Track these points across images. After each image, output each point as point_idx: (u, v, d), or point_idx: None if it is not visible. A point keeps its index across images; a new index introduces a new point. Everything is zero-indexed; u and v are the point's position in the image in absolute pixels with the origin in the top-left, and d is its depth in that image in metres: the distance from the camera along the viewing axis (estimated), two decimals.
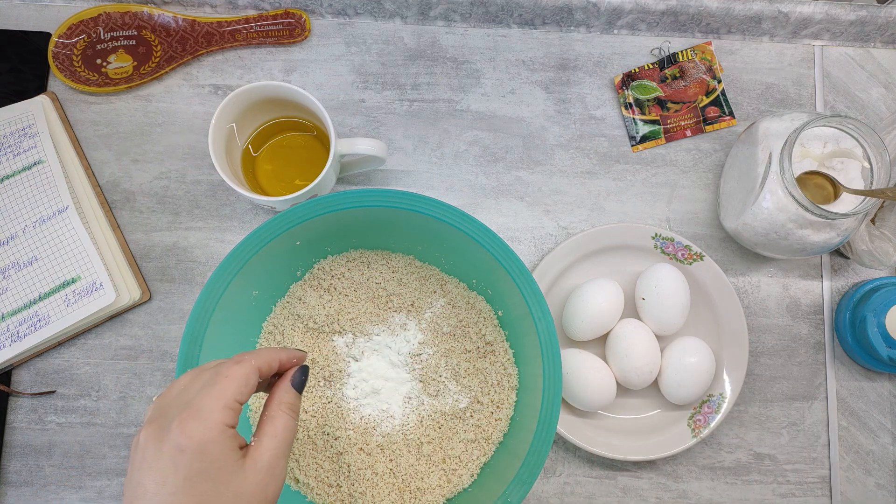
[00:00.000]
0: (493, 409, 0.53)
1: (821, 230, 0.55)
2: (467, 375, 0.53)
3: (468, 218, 0.49)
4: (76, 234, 0.59)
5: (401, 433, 0.53)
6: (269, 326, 0.54)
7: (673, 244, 0.61)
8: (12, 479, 0.58)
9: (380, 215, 0.50)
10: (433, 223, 0.50)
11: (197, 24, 0.65)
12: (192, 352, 0.47)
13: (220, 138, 0.56)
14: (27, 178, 0.60)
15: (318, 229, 0.51)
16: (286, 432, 0.38)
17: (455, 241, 0.51)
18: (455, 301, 0.55)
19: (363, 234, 0.53)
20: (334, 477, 0.51)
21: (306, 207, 0.49)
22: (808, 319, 0.64)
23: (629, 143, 0.66)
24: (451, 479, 0.52)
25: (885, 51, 0.68)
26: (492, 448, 0.53)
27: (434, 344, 0.54)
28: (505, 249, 0.49)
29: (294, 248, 0.52)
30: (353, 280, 0.55)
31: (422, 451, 0.52)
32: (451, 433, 0.53)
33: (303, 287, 0.55)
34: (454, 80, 0.66)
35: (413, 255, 0.55)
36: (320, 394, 0.53)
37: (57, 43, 0.63)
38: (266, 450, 0.37)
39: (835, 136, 0.56)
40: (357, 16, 0.66)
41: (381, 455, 0.52)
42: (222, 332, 0.49)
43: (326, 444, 0.52)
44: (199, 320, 0.48)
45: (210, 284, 0.48)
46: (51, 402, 0.59)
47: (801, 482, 0.62)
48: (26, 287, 0.58)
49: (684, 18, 0.66)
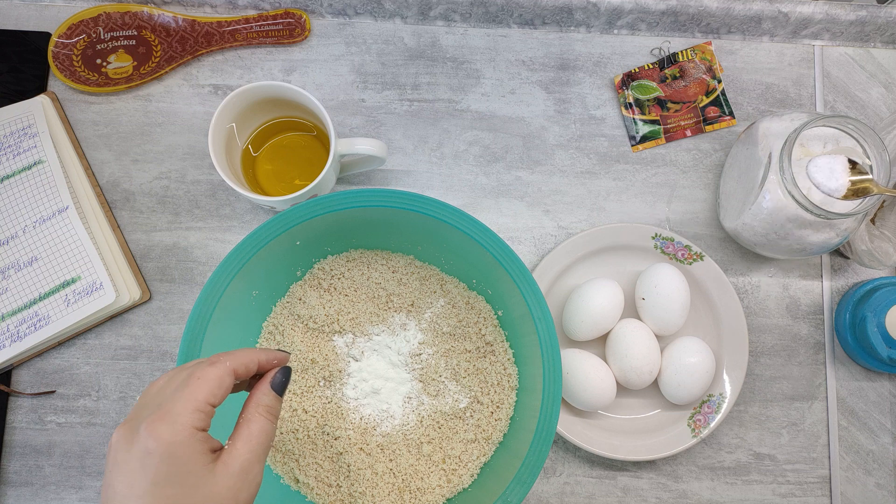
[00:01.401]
0: (493, 409, 0.53)
1: (820, 230, 0.55)
2: (467, 375, 0.53)
3: (468, 218, 0.49)
4: (76, 234, 0.59)
5: (401, 433, 0.53)
6: (270, 326, 0.54)
7: (673, 244, 0.61)
8: (12, 479, 0.58)
9: (380, 215, 0.50)
10: (433, 223, 0.50)
11: (197, 24, 0.65)
12: (192, 352, 0.47)
13: (219, 138, 0.56)
14: (27, 178, 0.60)
15: (318, 229, 0.51)
16: (262, 436, 0.37)
17: (455, 241, 0.51)
18: (455, 301, 0.55)
19: (363, 234, 0.53)
20: (334, 477, 0.51)
21: (306, 207, 0.49)
22: (808, 319, 0.64)
23: (629, 143, 0.66)
24: (451, 479, 0.52)
25: (885, 51, 0.68)
26: (492, 448, 0.53)
27: (434, 344, 0.54)
28: (505, 249, 0.49)
29: (294, 248, 0.52)
30: (353, 280, 0.55)
31: (422, 451, 0.52)
32: (450, 433, 0.53)
33: (303, 287, 0.55)
34: (454, 80, 0.66)
35: (413, 255, 0.55)
36: (320, 394, 0.53)
37: (57, 43, 0.63)
38: (239, 454, 0.36)
39: (835, 136, 0.56)
40: (357, 16, 0.66)
41: (381, 455, 0.52)
42: (222, 331, 0.49)
43: (326, 444, 0.52)
44: (199, 320, 0.48)
45: (210, 284, 0.48)
46: (51, 402, 0.59)
47: (801, 482, 0.62)
48: (26, 287, 0.58)
49: (684, 18, 0.66)
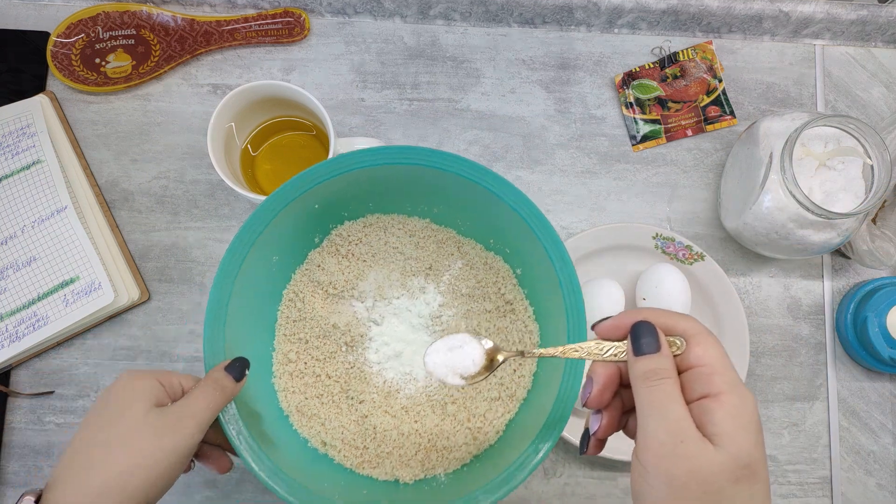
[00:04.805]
0: (516, 367, 0.53)
1: (821, 230, 0.55)
2: (488, 335, 0.54)
3: (482, 169, 0.49)
4: (75, 234, 0.59)
5: (424, 395, 0.53)
6: (290, 294, 0.54)
7: (674, 244, 0.61)
8: (11, 480, 0.58)
9: (399, 174, 0.50)
10: (451, 179, 0.50)
11: (196, 24, 0.64)
12: (218, 320, 0.48)
13: (218, 138, 0.56)
14: (26, 177, 0.60)
15: (336, 191, 0.51)
16: (203, 400, 0.42)
17: (471, 198, 0.51)
18: (473, 262, 0.55)
19: (381, 196, 0.53)
20: (360, 439, 0.52)
21: (327, 166, 0.49)
22: (809, 319, 0.64)
23: (630, 142, 0.66)
24: (476, 437, 0.52)
25: (886, 50, 0.68)
26: (516, 405, 0.53)
27: (454, 305, 0.54)
28: (521, 198, 0.49)
29: (312, 213, 0.52)
30: (371, 245, 0.55)
31: (446, 411, 0.52)
32: (474, 392, 0.53)
33: (321, 254, 0.55)
34: (454, 80, 0.66)
35: (429, 219, 0.56)
36: (343, 359, 0.53)
37: (56, 42, 0.63)
38: (177, 407, 0.41)
39: (836, 136, 0.56)
40: (356, 15, 0.66)
41: (406, 416, 0.52)
42: (244, 298, 0.50)
43: (351, 408, 0.52)
44: (223, 284, 0.48)
45: (233, 248, 0.48)
46: (49, 403, 0.59)
47: (801, 483, 0.62)
48: (25, 287, 0.58)
49: (685, 17, 0.66)
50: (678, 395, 0.32)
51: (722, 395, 0.31)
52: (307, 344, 0.53)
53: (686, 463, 0.30)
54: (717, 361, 0.32)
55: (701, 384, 0.32)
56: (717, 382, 0.31)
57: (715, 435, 0.30)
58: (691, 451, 0.30)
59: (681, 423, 0.31)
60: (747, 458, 0.30)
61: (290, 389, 0.52)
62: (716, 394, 0.31)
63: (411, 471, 0.51)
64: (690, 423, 0.31)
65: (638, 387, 0.33)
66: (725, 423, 0.30)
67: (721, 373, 0.31)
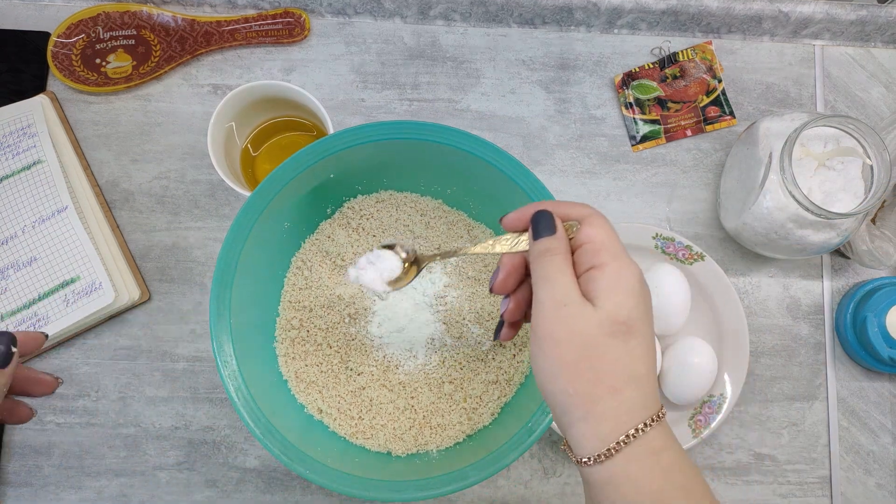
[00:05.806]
0: (516, 353, 0.53)
1: (821, 230, 0.55)
2: (490, 319, 0.54)
3: (500, 152, 0.49)
4: (75, 234, 0.59)
5: (422, 372, 0.53)
6: (298, 261, 0.55)
7: (673, 244, 0.61)
8: (11, 480, 0.58)
9: (414, 151, 0.51)
10: (464, 158, 0.50)
11: (196, 24, 0.64)
12: (226, 278, 0.48)
13: (219, 138, 0.56)
14: (26, 177, 0.60)
15: (352, 163, 0.51)
16: None
17: (485, 180, 0.51)
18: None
19: (395, 172, 0.54)
20: (356, 409, 0.52)
21: (345, 135, 0.49)
22: (809, 319, 0.64)
23: (629, 142, 0.66)
24: (471, 417, 0.52)
25: (886, 50, 0.68)
26: (513, 389, 0.53)
27: (459, 287, 0.55)
28: (539, 187, 0.49)
29: (327, 182, 0.52)
30: (382, 221, 0.56)
31: (443, 391, 0.53)
32: (472, 374, 0.53)
33: (332, 225, 0.55)
34: (454, 80, 0.66)
35: (442, 200, 0.56)
36: (345, 330, 0.54)
37: (56, 42, 0.63)
38: None
39: (835, 136, 0.56)
40: (357, 15, 0.66)
41: (402, 392, 0.53)
42: (254, 260, 0.50)
43: (349, 379, 0.53)
44: (233, 243, 0.48)
45: (247, 207, 0.48)
46: (50, 403, 0.59)
47: (801, 482, 0.62)
48: (26, 287, 0.58)
49: (684, 18, 0.66)
50: (567, 267, 0.34)
51: (605, 266, 0.34)
52: (311, 312, 0.54)
53: (567, 322, 0.33)
54: (606, 238, 0.35)
55: (589, 257, 0.34)
56: (602, 255, 0.34)
57: (595, 298, 0.33)
58: (573, 311, 0.33)
59: (566, 289, 0.33)
60: (624, 316, 0.33)
61: (291, 355, 0.53)
62: (600, 264, 0.34)
63: (404, 445, 0.52)
64: (575, 289, 0.33)
65: (534, 265, 0.35)
66: (604, 286, 0.33)
67: (608, 248, 0.34)
